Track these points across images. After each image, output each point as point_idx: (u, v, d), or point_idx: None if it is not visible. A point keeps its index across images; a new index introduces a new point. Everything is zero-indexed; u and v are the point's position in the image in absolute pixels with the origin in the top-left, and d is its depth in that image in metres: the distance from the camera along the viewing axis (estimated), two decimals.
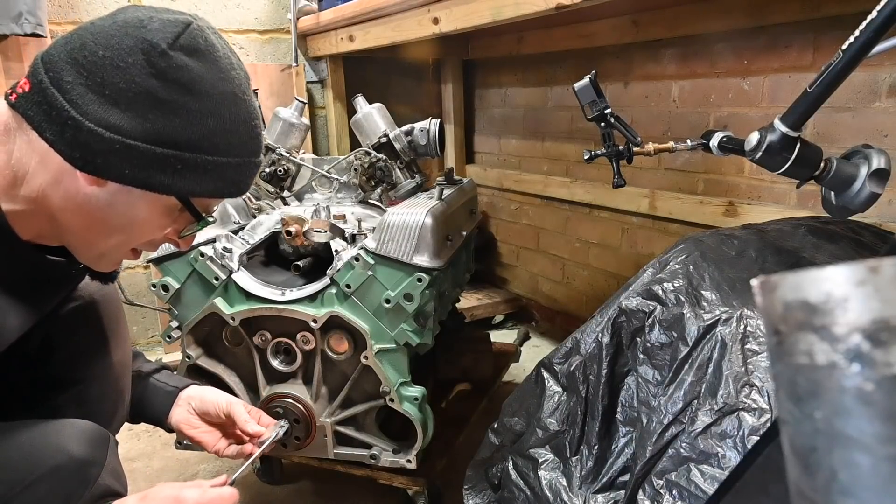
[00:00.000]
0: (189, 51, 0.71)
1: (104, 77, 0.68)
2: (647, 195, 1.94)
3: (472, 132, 2.86)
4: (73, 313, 0.94)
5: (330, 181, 1.49)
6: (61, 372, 0.94)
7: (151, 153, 0.70)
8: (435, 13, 1.70)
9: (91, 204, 0.73)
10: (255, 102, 0.80)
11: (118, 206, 0.74)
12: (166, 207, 0.77)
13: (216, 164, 0.75)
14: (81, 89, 0.68)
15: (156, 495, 0.81)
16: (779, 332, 0.27)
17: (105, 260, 0.83)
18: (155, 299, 2.19)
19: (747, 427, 0.83)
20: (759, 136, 0.94)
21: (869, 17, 0.80)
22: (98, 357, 0.97)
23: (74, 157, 0.70)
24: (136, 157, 0.70)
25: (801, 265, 0.98)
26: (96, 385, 0.96)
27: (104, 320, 0.98)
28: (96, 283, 0.99)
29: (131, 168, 0.71)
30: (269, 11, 2.44)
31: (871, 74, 1.38)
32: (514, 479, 1.06)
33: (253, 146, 0.80)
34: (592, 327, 1.06)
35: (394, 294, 1.19)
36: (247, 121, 0.77)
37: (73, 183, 0.72)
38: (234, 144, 0.76)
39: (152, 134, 0.70)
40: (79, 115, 0.68)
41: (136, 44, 0.69)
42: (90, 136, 0.68)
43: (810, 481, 0.26)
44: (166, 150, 0.71)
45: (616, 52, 2.01)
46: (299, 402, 1.27)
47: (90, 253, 0.81)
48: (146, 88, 0.69)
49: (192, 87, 0.71)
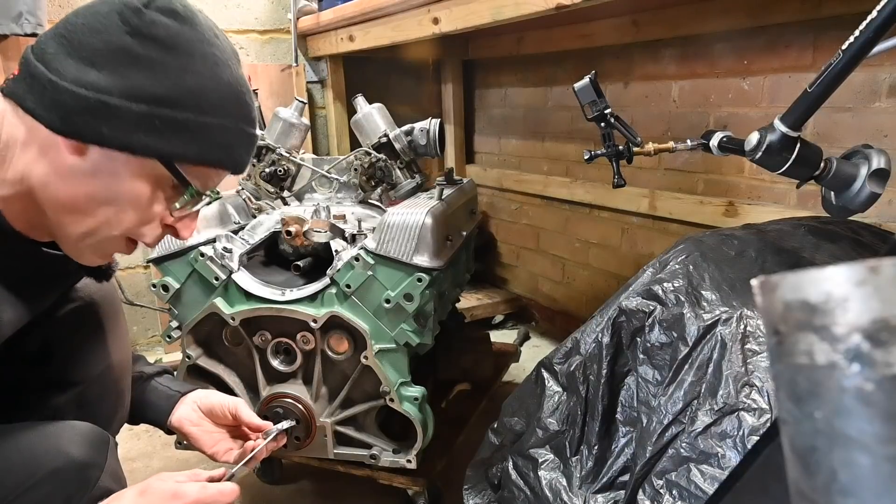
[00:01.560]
0: (165, 11, 0.71)
1: (81, 40, 0.69)
2: (647, 195, 1.94)
3: (472, 132, 2.86)
4: (72, 314, 0.94)
5: (330, 181, 1.49)
6: (61, 373, 0.93)
7: (127, 109, 0.69)
8: (435, 13, 1.70)
9: (74, 175, 0.71)
10: (242, 74, 0.78)
11: (102, 176, 0.72)
12: (152, 176, 0.74)
13: (197, 124, 0.73)
14: (61, 56, 0.69)
15: (155, 489, 0.80)
16: (779, 332, 0.27)
17: (92, 246, 0.77)
18: (155, 299, 2.19)
19: (747, 427, 0.83)
20: (759, 136, 0.94)
21: (869, 17, 0.80)
22: (98, 358, 0.96)
23: (53, 120, 0.69)
24: (113, 114, 0.69)
25: (801, 265, 0.98)
26: (96, 386, 0.96)
27: (104, 321, 0.97)
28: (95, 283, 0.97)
29: (109, 127, 0.69)
30: (269, 11, 2.44)
31: (871, 74, 1.38)
32: (514, 479, 1.06)
33: (241, 112, 0.77)
34: (592, 327, 1.06)
35: (394, 294, 1.19)
36: (232, 84, 0.75)
37: (56, 155, 0.71)
38: (216, 105, 0.74)
39: (128, 89, 0.69)
40: (56, 78, 0.68)
41: (113, 7, 0.70)
42: (66, 95, 0.68)
43: (810, 481, 0.26)
44: (143, 105, 0.69)
45: (616, 52, 2.01)
46: (299, 402, 1.27)
47: (76, 234, 0.75)
48: (121, 45, 0.69)
49: (169, 43, 0.70)
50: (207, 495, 0.82)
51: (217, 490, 0.83)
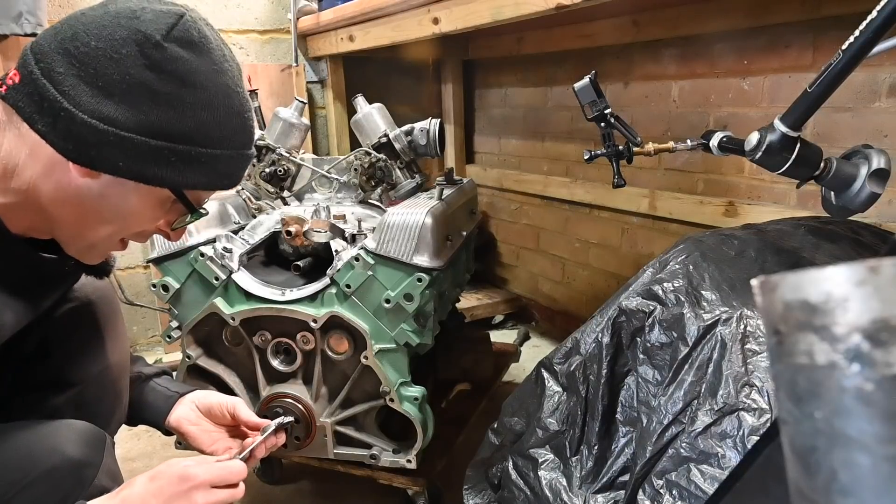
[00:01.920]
0: (183, 42, 0.71)
1: (97, 68, 0.68)
2: (647, 195, 1.94)
3: (472, 132, 2.86)
4: (69, 314, 0.94)
5: (330, 181, 1.49)
6: (58, 374, 0.93)
7: (146, 145, 0.70)
8: (435, 13, 1.70)
9: (83, 195, 0.73)
10: (246, 94, 0.80)
11: (111, 198, 0.74)
12: (159, 199, 0.77)
13: (209, 156, 0.75)
14: (74, 80, 0.68)
15: (164, 473, 0.80)
16: (779, 332, 0.27)
17: (95, 251, 0.82)
18: (155, 299, 2.18)
19: (747, 427, 0.83)
20: (759, 136, 0.94)
21: (869, 17, 0.80)
22: (96, 358, 0.96)
23: (68, 149, 0.69)
24: (131, 149, 0.70)
25: (801, 265, 0.98)
26: (94, 387, 0.96)
27: (101, 321, 0.97)
28: (93, 283, 0.97)
29: (125, 160, 0.70)
30: (269, 11, 2.44)
31: (871, 74, 1.38)
32: (514, 479, 1.06)
33: (245, 138, 0.80)
34: (592, 327, 1.06)
35: (394, 294, 1.19)
36: (240, 113, 0.77)
37: (65, 174, 0.71)
38: (227, 137, 0.76)
39: (147, 126, 0.69)
40: (72, 107, 0.68)
41: (130, 35, 0.68)
42: (84, 128, 0.68)
43: (810, 481, 0.26)
44: (161, 142, 0.71)
45: (616, 52, 2.01)
46: (299, 402, 1.27)
47: (80, 244, 0.80)
48: (141, 80, 0.68)
49: (187, 80, 0.71)
50: (215, 475, 0.82)
51: (224, 468, 0.83)
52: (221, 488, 0.83)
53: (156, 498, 0.78)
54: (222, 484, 0.83)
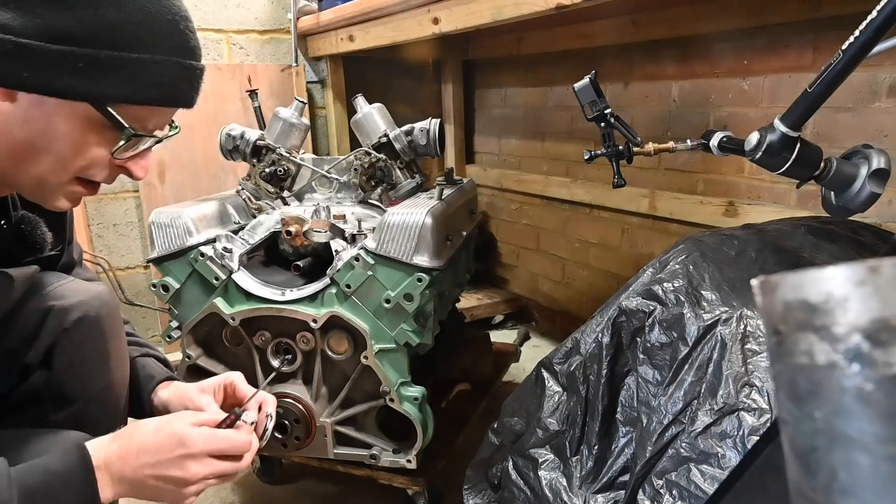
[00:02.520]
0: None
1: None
2: (647, 195, 1.94)
3: (472, 132, 2.86)
4: (77, 327, 0.90)
5: (330, 181, 1.49)
6: (60, 389, 0.91)
7: (46, 51, 0.64)
8: (435, 13, 1.70)
9: (9, 123, 0.68)
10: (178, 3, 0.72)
11: (36, 122, 0.69)
12: (86, 118, 0.70)
13: (125, 60, 0.67)
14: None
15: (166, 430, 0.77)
16: (779, 332, 0.27)
17: (49, 192, 0.75)
18: (155, 299, 2.19)
19: (747, 427, 0.83)
20: (759, 136, 0.94)
21: (869, 17, 0.79)
22: (99, 376, 0.93)
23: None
24: (32, 57, 0.64)
25: (801, 265, 0.98)
26: (94, 405, 0.93)
27: (107, 337, 0.94)
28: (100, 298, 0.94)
29: (29, 70, 0.65)
30: (269, 11, 2.44)
31: (871, 74, 1.38)
32: (514, 479, 1.06)
33: (174, 43, 0.71)
34: (592, 327, 1.06)
35: (394, 294, 1.19)
36: (160, 14, 0.69)
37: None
38: (145, 39, 0.68)
39: (44, 29, 0.64)
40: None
41: None
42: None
43: (810, 481, 0.26)
44: (62, 46, 0.65)
45: (616, 52, 2.01)
46: (299, 402, 1.27)
47: (28, 182, 0.74)
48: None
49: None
50: (216, 445, 0.78)
51: (227, 440, 0.79)
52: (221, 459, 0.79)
53: (150, 455, 0.75)
54: (223, 454, 0.79)
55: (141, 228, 2.32)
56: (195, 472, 0.77)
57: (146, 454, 0.76)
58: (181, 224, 1.27)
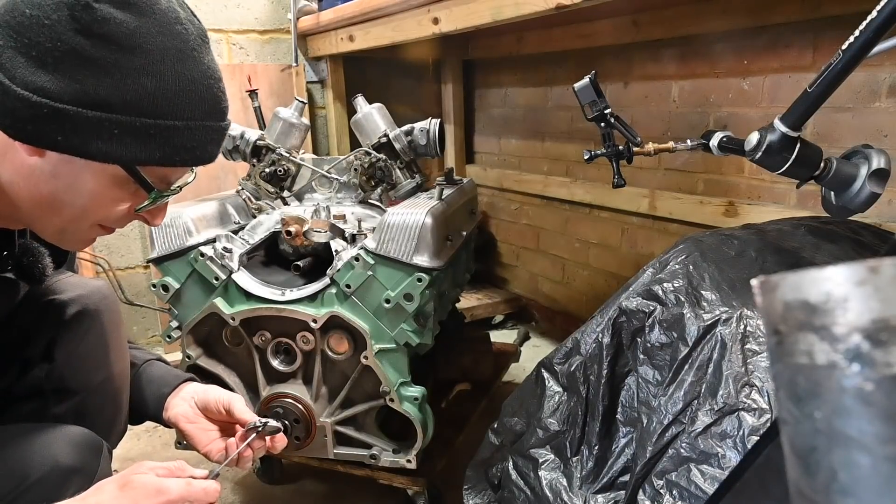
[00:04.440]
0: (118, 3, 0.65)
1: (31, 37, 0.64)
2: (647, 195, 1.94)
3: (472, 132, 2.86)
4: (77, 320, 0.92)
5: (330, 181, 1.49)
6: (61, 381, 0.91)
7: (83, 117, 0.65)
8: (435, 13, 1.70)
9: (36, 176, 0.69)
10: (211, 62, 0.73)
11: (63, 178, 0.70)
12: (114, 178, 0.71)
13: (160, 127, 0.68)
14: (11, 52, 0.64)
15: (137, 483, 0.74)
16: (779, 332, 0.27)
17: (67, 237, 0.78)
18: (155, 299, 2.19)
19: (747, 427, 0.83)
20: (759, 136, 0.94)
21: (869, 17, 0.79)
22: (99, 368, 0.94)
23: (6, 126, 0.66)
24: (67, 122, 0.65)
25: (801, 265, 0.98)
26: (95, 396, 0.94)
27: (107, 330, 0.95)
28: (100, 291, 0.96)
29: (64, 134, 0.66)
30: (269, 11, 2.44)
31: (871, 74, 1.38)
32: (515, 480, 1.06)
33: (207, 108, 0.72)
34: (592, 327, 1.06)
35: (394, 294, 1.19)
36: (197, 80, 0.70)
37: (16, 155, 0.68)
38: (180, 106, 0.69)
39: (82, 96, 0.65)
40: (7, 80, 0.64)
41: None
42: (18, 102, 0.64)
43: (810, 481, 0.26)
44: (99, 112, 0.65)
45: (616, 52, 2.01)
46: (299, 402, 1.27)
47: (49, 229, 0.76)
48: (72, 46, 0.64)
49: (124, 43, 0.65)
50: (191, 492, 0.76)
51: (202, 488, 0.78)
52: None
53: None
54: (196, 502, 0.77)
55: (141, 228, 2.32)
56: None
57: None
58: (181, 224, 1.27)
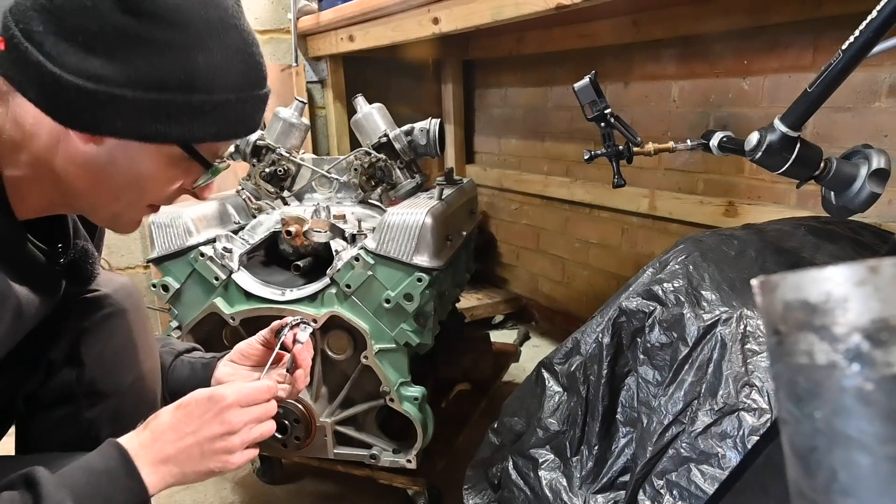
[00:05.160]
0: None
1: (74, 21, 0.62)
2: (647, 195, 1.94)
3: (472, 132, 2.86)
4: (103, 322, 0.90)
5: (330, 181, 1.49)
6: (92, 385, 0.90)
7: (140, 100, 0.64)
8: (435, 13, 1.70)
9: (92, 164, 0.68)
10: (248, 27, 0.72)
11: (120, 162, 0.69)
12: (170, 157, 0.71)
13: (214, 103, 0.68)
14: (54, 38, 0.62)
15: (190, 400, 0.75)
16: (779, 332, 0.27)
17: (122, 220, 0.78)
18: (155, 299, 2.18)
19: (747, 427, 0.83)
20: (759, 136, 0.94)
21: (869, 17, 0.80)
22: (130, 368, 0.92)
23: (62, 116, 0.65)
24: (125, 106, 0.64)
25: (801, 265, 0.98)
26: (130, 397, 0.92)
27: (134, 329, 0.94)
28: (125, 289, 0.94)
29: (122, 120, 0.65)
30: (269, 11, 2.44)
31: (871, 74, 1.38)
32: (515, 479, 1.06)
33: (253, 77, 0.71)
34: (593, 327, 1.06)
35: (394, 294, 1.19)
36: (241, 49, 0.69)
37: (70, 143, 0.67)
38: (230, 79, 0.68)
39: (136, 78, 0.63)
40: (56, 68, 0.62)
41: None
42: (72, 91, 0.63)
43: (810, 481, 0.26)
44: (156, 94, 0.64)
45: (616, 52, 2.01)
46: (299, 401, 1.27)
47: (104, 215, 0.77)
48: (120, 27, 0.62)
49: (169, 18, 0.63)
50: (244, 394, 0.77)
51: (252, 388, 0.78)
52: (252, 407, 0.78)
53: (188, 423, 0.73)
54: (252, 403, 0.77)
55: (141, 228, 2.32)
56: (236, 421, 0.75)
57: (182, 425, 0.73)
58: (181, 224, 1.27)
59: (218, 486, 1.59)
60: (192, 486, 1.58)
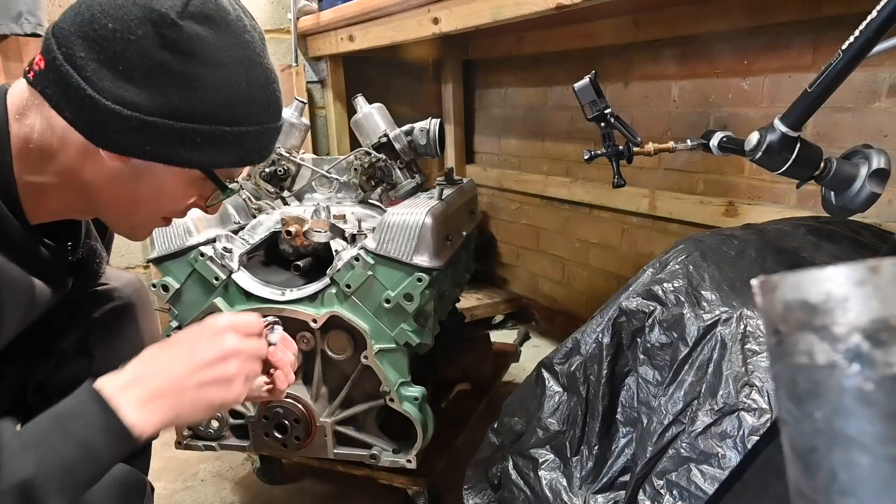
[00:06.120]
0: (199, 18, 0.69)
1: (116, 51, 0.67)
2: (647, 195, 1.94)
3: (472, 132, 2.86)
4: (112, 315, 0.93)
5: (330, 181, 1.49)
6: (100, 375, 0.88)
7: (169, 128, 0.69)
8: (435, 13, 1.70)
9: (118, 179, 0.74)
10: (271, 65, 0.78)
11: (143, 181, 0.75)
12: (190, 178, 0.77)
13: (236, 133, 0.74)
14: (95, 65, 0.67)
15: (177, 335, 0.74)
16: (779, 332, 0.27)
17: (138, 230, 0.84)
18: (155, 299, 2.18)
19: (747, 427, 0.83)
20: (759, 136, 0.94)
21: (869, 17, 0.79)
22: None
23: (95, 136, 0.69)
24: (155, 133, 0.69)
25: (801, 265, 0.98)
26: None
27: (141, 322, 0.97)
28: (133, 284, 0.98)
29: (151, 144, 0.70)
30: (269, 11, 2.44)
31: (871, 74, 1.38)
32: (515, 479, 1.06)
33: (272, 111, 0.78)
34: (593, 327, 1.06)
35: (394, 294, 1.19)
36: (265, 85, 0.75)
37: (98, 159, 0.71)
38: (252, 112, 0.75)
39: (169, 109, 0.69)
40: (95, 93, 0.67)
41: (145, 14, 0.67)
42: (108, 115, 0.67)
43: (810, 481, 0.26)
44: (184, 124, 0.70)
45: (616, 52, 2.01)
46: (299, 402, 1.27)
47: (122, 224, 0.83)
48: (159, 62, 0.67)
49: (206, 58, 0.69)
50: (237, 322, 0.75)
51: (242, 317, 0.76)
52: None
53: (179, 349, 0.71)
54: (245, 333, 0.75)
55: None
56: (231, 345, 0.72)
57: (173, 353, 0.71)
58: (181, 224, 1.27)
59: (218, 487, 1.59)
60: (192, 487, 1.58)
